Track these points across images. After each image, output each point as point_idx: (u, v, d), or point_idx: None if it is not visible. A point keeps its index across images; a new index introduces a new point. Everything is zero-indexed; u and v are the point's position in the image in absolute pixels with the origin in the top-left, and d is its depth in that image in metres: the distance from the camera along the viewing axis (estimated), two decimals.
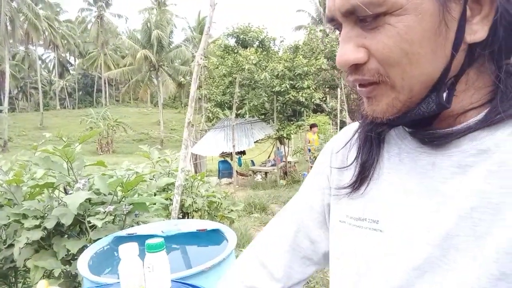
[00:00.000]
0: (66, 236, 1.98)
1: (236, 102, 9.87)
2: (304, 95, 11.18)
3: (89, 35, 45.73)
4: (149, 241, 1.17)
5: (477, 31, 0.45)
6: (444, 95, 0.47)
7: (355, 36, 0.47)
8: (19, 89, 52.03)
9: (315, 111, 12.49)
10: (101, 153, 27.25)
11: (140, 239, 1.84)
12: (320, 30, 14.16)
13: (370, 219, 0.57)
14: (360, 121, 0.63)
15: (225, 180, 11.60)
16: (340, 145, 0.68)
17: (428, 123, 0.52)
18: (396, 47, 0.44)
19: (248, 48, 12.30)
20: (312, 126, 11.62)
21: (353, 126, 0.68)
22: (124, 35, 38.27)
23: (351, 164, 0.63)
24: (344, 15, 0.47)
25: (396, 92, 0.47)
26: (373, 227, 0.56)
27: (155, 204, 2.64)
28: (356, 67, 0.48)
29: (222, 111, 12.63)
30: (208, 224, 1.90)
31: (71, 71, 58.55)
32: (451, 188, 0.48)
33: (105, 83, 49.54)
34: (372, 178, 0.59)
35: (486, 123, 0.47)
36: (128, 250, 1.21)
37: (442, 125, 0.51)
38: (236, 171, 11.42)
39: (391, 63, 0.45)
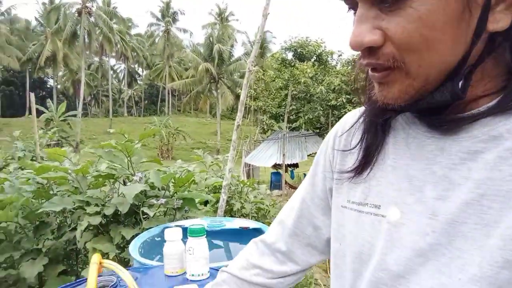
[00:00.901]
0: (122, 224, 2.15)
1: (287, 112, 9.93)
2: None
3: (156, 48, 48.59)
4: (191, 227, 1.27)
5: (500, 20, 0.43)
6: (460, 84, 0.45)
7: (372, 17, 0.44)
8: (92, 96, 56.54)
9: None
10: (161, 159, 28.65)
11: (187, 231, 1.97)
12: None
13: (372, 204, 0.55)
14: (366, 105, 0.60)
15: (276, 192, 11.64)
16: (345, 128, 0.66)
17: (438, 111, 0.50)
18: (417, 32, 0.42)
19: (305, 61, 12.37)
20: None
21: (358, 110, 0.67)
22: (188, 49, 40.20)
23: (354, 147, 0.61)
24: None
25: (411, 79, 0.45)
26: (374, 212, 0.55)
27: (205, 205, 2.77)
28: (370, 50, 0.45)
29: (277, 123, 12.75)
30: (251, 224, 1.97)
31: (138, 81, 62.47)
32: (459, 175, 0.47)
33: (168, 93, 52.15)
34: (376, 163, 0.57)
35: (500, 109, 0.45)
36: (173, 233, 1.33)
37: (452, 111, 0.49)
38: (288, 183, 11.41)
39: (409, 48, 0.43)
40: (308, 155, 12.11)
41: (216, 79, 34.09)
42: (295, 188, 12.62)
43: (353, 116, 0.66)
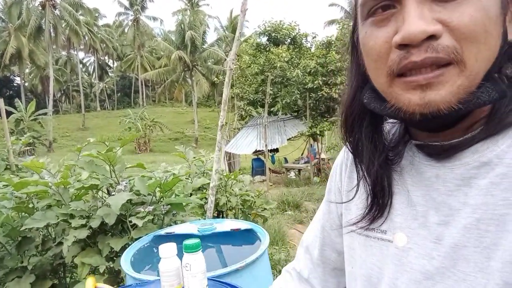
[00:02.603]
0: (109, 234, 2.10)
1: (268, 100, 9.91)
2: (337, 91, 11.04)
3: (126, 38, 47.25)
4: (187, 242, 1.24)
5: (510, 32, 0.46)
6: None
7: (428, 8, 0.42)
8: (62, 92, 54.74)
9: None
10: (139, 152, 28.21)
11: (178, 238, 1.94)
12: None
13: (379, 230, 0.57)
14: (391, 122, 0.61)
15: (258, 178, 11.69)
16: (350, 157, 0.66)
17: (458, 122, 0.49)
18: (481, 21, 0.41)
19: (280, 45, 12.29)
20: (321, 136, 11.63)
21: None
22: (159, 37, 39.26)
23: (358, 184, 0.62)
24: None
25: (464, 76, 0.43)
26: (382, 237, 0.57)
27: (191, 203, 2.73)
28: (427, 43, 0.42)
29: (255, 109, 12.70)
30: (242, 224, 1.96)
31: (110, 74, 60.82)
32: (457, 201, 0.48)
33: (142, 84, 51.05)
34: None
35: (486, 134, 0.47)
36: (168, 250, 1.30)
37: (454, 136, 0.51)
38: (269, 169, 11.47)
39: (471, 38, 0.41)
40: (287, 139, 12.17)
41: (190, 67, 33.52)
42: (277, 172, 12.71)
43: None
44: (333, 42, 12.79)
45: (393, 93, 0.47)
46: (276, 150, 13.26)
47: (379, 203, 0.57)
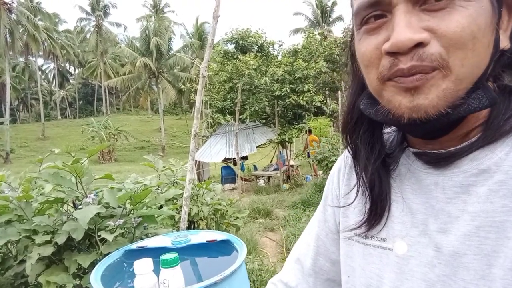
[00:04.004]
0: (76, 250, 1.99)
1: (238, 105, 9.89)
2: (304, 98, 11.20)
3: (88, 45, 45.86)
4: (164, 257, 1.19)
5: (502, 41, 0.48)
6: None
7: (416, 18, 0.44)
8: (20, 100, 52.22)
9: (315, 114, 12.53)
10: (103, 161, 27.27)
11: (151, 252, 1.86)
12: (319, 33, 14.21)
13: (378, 238, 0.57)
14: (385, 127, 0.61)
15: (228, 186, 11.61)
16: (348, 163, 0.68)
17: (451, 129, 0.51)
18: (469, 27, 0.43)
19: (248, 53, 12.35)
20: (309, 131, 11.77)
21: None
22: (123, 44, 38.41)
23: (354, 186, 0.63)
24: None
25: (449, 81, 0.44)
26: (381, 245, 0.57)
27: (162, 215, 2.65)
28: (415, 51, 0.44)
29: (223, 116, 12.65)
30: (218, 235, 1.91)
31: (71, 81, 58.76)
32: (456, 208, 0.49)
33: (105, 92, 49.69)
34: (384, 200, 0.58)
35: (484, 142, 0.48)
36: (143, 266, 1.23)
37: (451, 144, 0.52)
38: (241, 177, 11.43)
39: (459, 44, 0.43)
40: (256, 147, 12.19)
41: (155, 74, 33.01)
42: (246, 180, 12.68)
43: None
44: (299, 50, 13.02)
45: (386, 96, 0.48)
46: (246, 157, 13.25)
47: (377, 209, 0.57)
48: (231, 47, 13.25)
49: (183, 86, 17.44)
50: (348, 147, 0.63)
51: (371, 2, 0.47)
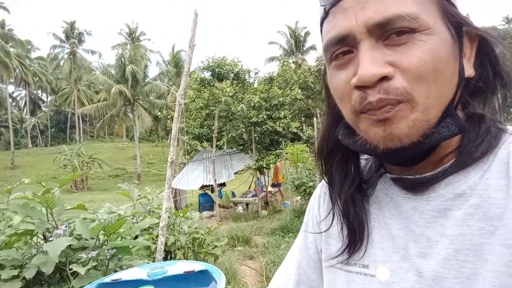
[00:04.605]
0: (46, 285, 1.89)
1: (215, 132, 9.90)
2: (281, 124, 11.34)
3: (62, 72, 45.21)
4: None
5: (466, 70, 0.50)
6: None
7: (380, 53, 0.46)
8: None
9: (292, 140, 12.66)
10: (75, 190, 26.35)
11: (126, 285, 1.79)
12: (293, 62, 14.58)
13: (360, 264, 0.57)
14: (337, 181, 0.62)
15: (206, 214, 11.41)
16: (328, 191, 0.67)
17: (424, 156, 0.52)
18: (430, 62, 0.45)
19: (224, 80, 12.49)
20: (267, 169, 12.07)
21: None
22: (98, 71, 38.11)
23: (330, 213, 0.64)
24: (370, 30, 0.46)
25: (417, 112, 0.46)
26: (363, 272, 0.57)
27: (138, 246, 2.56)
28: (380, 85, 0.46)
29: (200, 143, 12.60)
30: (195, 266, 1.86)
31: (43, 108, 57.42)
32: (434, 232, 0.50)
33: (79, 119, 48.70)
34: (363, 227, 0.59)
35: (458, 168, 0.50)
36: None
37: (426, 170, 0.53)
38: (219, 204, 11.29)
39: (421, 78, 0.45)
40: (234, 173, 12.12)
41: (131, 101, 32.73)
42: (225, 207, 12.52)
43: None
44: (274, 78, 13.28)
45: (362, 127, 0.50)
46: (223, 184, 13.14)
47: (355, 235, 0.58)
48: (207, 74, 13.39)
49: (159, 113, 17.35)
50: (323, 175, 0.64)
51: (338, 38, 0.49)
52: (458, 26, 0.49)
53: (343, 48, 0.49)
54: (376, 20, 0.45)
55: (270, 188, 12.80)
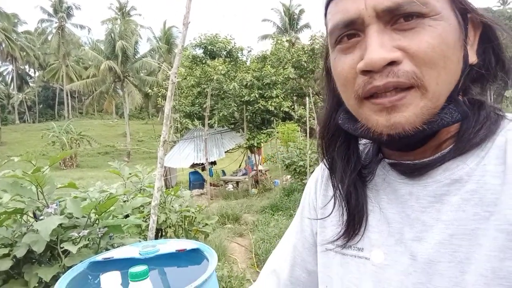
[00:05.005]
0: (37, 263, 1.89)
1: (208, 114, 9.84)
2: (273, 104, 11.31)
3: (50, 47, 44.12)
4: (133, 270, 1.14)
5: (470, 56, 0.50)
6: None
7: (388, 37, 0.46)
8: None
9: (283, 119, 12.66)
10: (64, 168, 26.19)
11: (118, 263, 1.79)
12: (287, 40, 14.41)
13: (355, 247, 0.58)
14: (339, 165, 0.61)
15: (196, 192, 11.47)
16: (325, 175, 0.69)
17: (425, 142, 0.52)
18: (439, 47, 0.45)
19: (216, 58, 12.32)
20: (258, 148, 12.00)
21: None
22: (87, 46, 37.26)
23: (331, 198, 0.64)
24: (379, 15, 0.46)
25: (426, 99, 0.46)
26: (358, 254, 0.58)
27: (129, 224, 2.56)
28: (389, 69, 0.45)
29: (191, 121, 12.53)
30: (187, 244, 1.87)
31: (30, 84, 56.21)
32: (430, 217, 0.50)
33: (67, 95, 47.88)
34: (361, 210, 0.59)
35: (456, 153, 0.50)
36: (111, 280, 1.18)
37: (424, 155, 0.53)
38: (210, 183, 11.34)
39: (430, 63, 0.45)
40: (225, 152, 12.14)
41: (121, 77, 32.21)
42: (215, 185, 12.59)
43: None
44: (267, 56, 13.14)
45: (363, 114, 0.50)
46: (214, 163, 13.17)
47: (354, 220, 0.58)
48: (199, 52, 13.18)
49: (149, 91, 17.13)
50: (324, 160, 0.64)
51: (345, 21, 0.48)
52: (464, 13, 0.49)
53: (349, 31, 0.49)
54: (386, 5, 0.45)
55: (260, 167, 12.87)
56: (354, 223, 0.58)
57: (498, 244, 0.44)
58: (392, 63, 0.45)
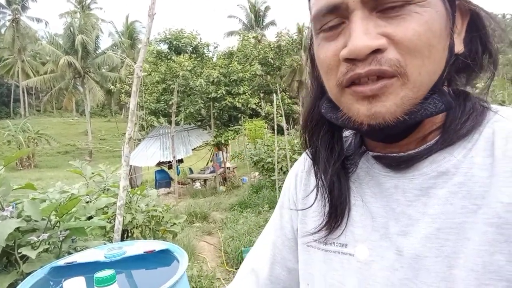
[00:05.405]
0: None
1: (174, 111, 9.65)
2: (240, 100, 11.27)
3: (4, 40, 41.57)
4: (98, 275, 1.07)
5: (456, 44, 0.48)
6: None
7: (373, 24, 0.44)
8: None
9: (251, 116, 12.66)
10: (21, 168, 24.89)
11: (81, 267, 1.70)
12: (253, 37, 14.40)
13: (338, 243, 0.56)
14: (323, 155, 0.60)
15: (162, 190, 11.26)
16: (305, 169, 0.67)
17: (408, 133, 0.51)
18: (425, 35, 0.43)
19: (182, 54, 12.11)
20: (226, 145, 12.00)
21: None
22: (44, 40, 35.56)
23: (316, 195, 0.62)
24: (364, 1, 0.44)
25: (407, 89, 0.44)
26: (342, 251, 0.56)
27: (93, 226, 2.45)
28: (373, 56, 0.44)
29: (157, 119, 12.27)
30: (156, 245, 1.81)
31: None
32: (416, 211, 0.49)
33: (23, 92, 45.47)
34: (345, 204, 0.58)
35: (443, 145, 0.49)
36: (74, 286, 1.11)
37: (409, 147, 0.52)
38: (178, 181, 11.15)
39: (415, 52, 0.43)
40: (192, 149, 11.98)
41: (81, 73, 31.03)
42: (183, 184, 12.40)
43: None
44: (234, 53, 13.07)
45: (344, 103, 0.49)
46: (181, 160, 12.97)
47: (336, 211, 0.57)
48: (164, 47, 12.90)
49: (112, 87, 16.59)
50: (308, 150, 0.62)
51: (329, 7, 0.46)
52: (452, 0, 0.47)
53: (333, 21, 0.47)
54: None
55: (228, 164, 12.82)
56: (336, 214, 0.57)
57: (487, 238, 0.43)
58: (377, 50, 0.43)
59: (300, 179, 0.68)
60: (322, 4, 0.47)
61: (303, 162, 0.68)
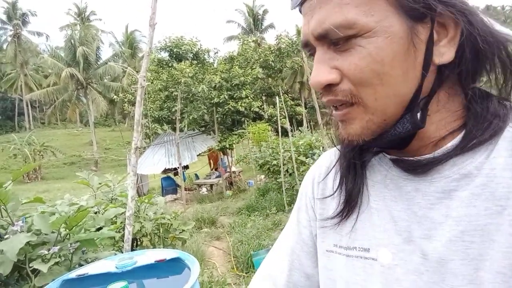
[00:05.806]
0: (3, 285, 1.76)
1: (178, 117, 9.67)
2: (243, 104, 11.28)
3: (6, 56, 41.92)
4: (111, 287, 1.07)
5: (444, 53, 0.47)
6: (418, 115, 0.48)
7: (328, 59, 0.48)
8: None
9: (254, 120, 12.66)
10: (28, 181, 25.06)
11: (93, 279, 1.70)
12: (253, 41, 14.43)
13: (360, 248, 0.56)
14: (339, 147, 0.63)
15: (169, 197, 11.26)
16: (322, 172, 0.67)
17: (405, 143, 0.52)
18: (367, 67, 0.45)
19: (183, 61, 12.15)
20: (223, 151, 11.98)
21: (331, 153, 0.68)
22: (46, 54, 35.81)
23: (335, 192, 0.62)
24: (317, 39, 0.48)
25: (370, 114, 0.48)
26: (364, 255, 0.55)
27: (103, 237, 2.45)
28: (329, 88, 0.49)
29: (161, 126, 12.31)
30: (166, 253, 1.80)
31: None
32: (439, 214, 0.49)
33: (27, 106, 45.81)
34: (361, 205, 0.58)
35: (463, 150, 0.48)
36: None
37: (423, 152, 0.52)
38: (184, 188, 11.17)
39: (363, 83, 0.46)
40: (197, 155, 11.99)
41: (84, 84, 31.19)
42: (189, 189, 12.40)
43: (329, 159, 0.67)
44: (235, 57, 13.10)
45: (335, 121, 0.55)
46: (186, 167, 12.99)
47: (351, 196, 0.58)
48: (165, 55, 12.95)
49: (115, 96, 16.67)
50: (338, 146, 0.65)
51: (303, 43, 0.53)
52: (421, 14, 0.44)
53: (310, 51, 0.52)
54: (318, 32, 0.47)
55: (233, 168, 12.81)
56: (350, 200, 0.59)
57: None
58: (331, 84, 0.48)
59: (317, 184, 0.68)
60: (301, 39, 0.53)
61: (319, 166, 0.69)
